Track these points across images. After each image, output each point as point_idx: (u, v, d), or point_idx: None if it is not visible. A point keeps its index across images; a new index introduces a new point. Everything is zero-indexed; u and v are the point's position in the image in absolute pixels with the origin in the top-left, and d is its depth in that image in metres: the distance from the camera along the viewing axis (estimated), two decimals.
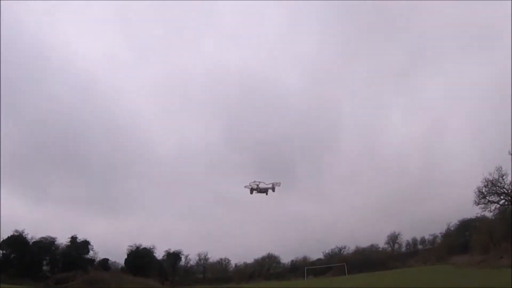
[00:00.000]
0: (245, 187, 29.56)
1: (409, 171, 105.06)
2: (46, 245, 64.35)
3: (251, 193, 29.23)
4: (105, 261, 72.15)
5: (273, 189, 29.41)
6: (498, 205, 42.53)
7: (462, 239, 58.75)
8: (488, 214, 46.10)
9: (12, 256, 60.49)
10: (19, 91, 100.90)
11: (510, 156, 40.06)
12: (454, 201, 78.79)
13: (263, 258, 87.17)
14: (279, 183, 29.81)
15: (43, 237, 64.40)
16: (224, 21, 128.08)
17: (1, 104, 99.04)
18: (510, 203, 41.56)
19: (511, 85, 73.95)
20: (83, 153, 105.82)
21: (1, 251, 61.40)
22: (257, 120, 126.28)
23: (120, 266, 74.65)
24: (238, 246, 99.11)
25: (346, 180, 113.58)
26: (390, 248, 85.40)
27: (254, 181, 29.31)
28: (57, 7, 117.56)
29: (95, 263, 69.57)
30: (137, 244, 73.98)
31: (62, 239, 67.00)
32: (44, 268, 64.54)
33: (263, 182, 29.38)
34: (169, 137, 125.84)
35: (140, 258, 71.35)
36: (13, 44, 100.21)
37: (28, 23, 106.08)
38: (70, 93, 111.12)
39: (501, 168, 41.77)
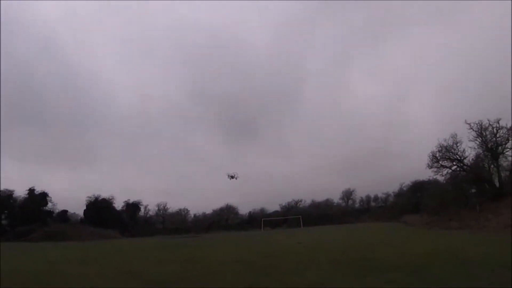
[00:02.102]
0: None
1: (369, 131, 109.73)
2: (4, 198, 62.49)
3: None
4: (64, 212, 71.17)
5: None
6: (450, 170, 45.38)
7: (414, 200, 62.58)
8: (440, 178, 49.35)
9: None
10: None
11: (466, 124, 42.61)
12: (408, 163, 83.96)
13: (221, 209, 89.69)
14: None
15: (0, 190, 62.57)
16: None
17: None
18: (461, 169, 44.45)
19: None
20: (43, 108, 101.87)
21: None
22: (221, 75, 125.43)
23: (79, 218, 74.27)
24: (198, 197, 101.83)
25: (308, 137, 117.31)
26: (344, 204, 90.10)
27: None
28: None
29: (54, 215, 68.60)
30: (96, 195, 73.87)
31: (20, 192, 65.60)
32: (3, 222, 62.99)
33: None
34: (131, 89, 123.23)
35: (99, 209, 71.10)
36: None
37: None
38: (29, 48, 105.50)
39: (456, 135, 44.08)
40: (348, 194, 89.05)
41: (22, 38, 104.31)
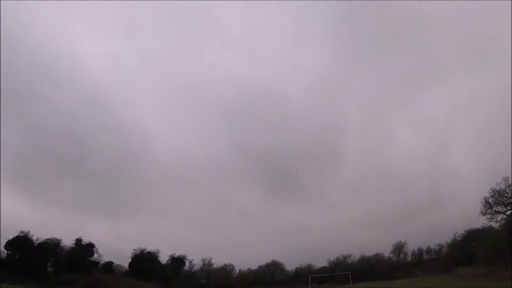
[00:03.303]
0: None
1: (415, 182, 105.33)
2: (51, 246, 64.79)
3: None
4: (109, 264, 72.25)
5: None
6: (505, 216, 42.08)
7: (468, 250, 57.71)
8: (495, 225, 45.72)
9: (17, 256, 60.80)
10: (26, 99, 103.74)
11: None
12: (461, 211, 78.62)
13: (267, 265, 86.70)
14: None
15: (48, 239, 65.01)
16: (230, 30, 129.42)
17: (8, 111, 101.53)
18: None
19: None
20: (89, 158, 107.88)
21: (6, 251, 61.91)
22: (262, 130, 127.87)
23: (124, 270, 74.87)
24: (243, 253, 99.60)
25: (352, 190, 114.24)
26: (395, 258, 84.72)
27: None
28: (62, 13, 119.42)
29: (99, 265, 69.85)
30: (142, 248, 74.44)
31: (67, 241, 67.82)
32: (49, 269, 64.97)
33: None
34: (174, 143, 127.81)
35: (144, 261, 71.47)
36: (20, 52, 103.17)
37: (35, 31, 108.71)
38: (76, 100, 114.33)
39: (508, 178, 41.45)
40: (399, 247, 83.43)
41: (70, 91, 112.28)
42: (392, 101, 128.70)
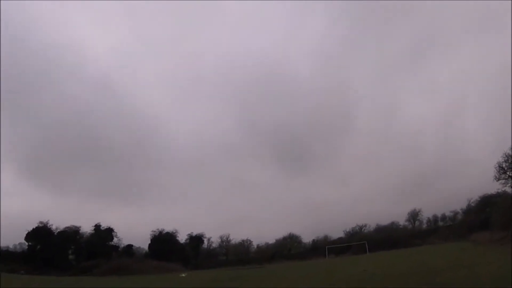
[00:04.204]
0: None
1: (428, 149, 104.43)
2: (71, 234, 66.05)
3: None
4: (129, 247, 73.60)
5: None
6: None
7: (483, 216, 57.08)
8: (509, 190, 44.93)
9: (38, 247, 62.13)
10: (38, 92, 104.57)
11: None
12: (474, 177, 77.68)
13: (284, 238, 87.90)
14: None
15: (67, 227, 66.12)
16: (231, 8, 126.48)
17: (23, 106, 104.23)
18: None
19: None
20: (102, 146, 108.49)
21: (26, 243, 63.18)
22: (270, 105, 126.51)
23: (144, 252, 76.18)
24: (260, 228, 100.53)
25: (364, 160, 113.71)
26: (410, 226, 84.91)
27: None
28: (64, 6, 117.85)
29: (119, 249, 71.26)
30: (160, 229, 75.25)
31: (86, 228, 69.00)
32: (70, 257, 66.43)
33: None
34: (185, 125, 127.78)
35: (163, 242, 72.39)
36: (27, 46, 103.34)
37: (40, 24, 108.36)
38: (86, 90, 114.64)
39: None
40: (414, 215, 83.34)
41: (80, 82, 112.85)
42: (399, 70, 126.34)
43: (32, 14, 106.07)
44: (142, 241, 77.55)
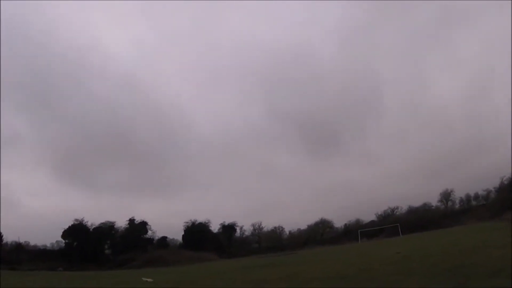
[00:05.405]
0: None
1: (457, 127, 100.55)
2: (106, 229, 67.53)
3: None
4: (163, 239, 74.76)
5: None
6: None
7: None
8: None
9: (75, 244, 63.56)
10: (66, 94, 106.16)
11: None
12: (506, 154, 74.41)
13: (316, 224, 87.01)
14: None
15: (102, 223, 67.62)
16: None
17: (53, 107, 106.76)
18: None
19: None
20: (131, 142, 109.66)
21: (63, 241, 64.86)
22: (295, 89, 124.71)
23: (178, 243, 77.28)
24: (291, 214, 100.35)
25: (393, 142, 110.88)
26: (443, 206, 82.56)
27: None
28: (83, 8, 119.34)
29: (154, 242, 72.43)
30: (193, 219, 75.99)
31: (121, 223, 70.34)
32: (106, 251, 68.02)
33: None
34: (211, 116, 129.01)
35: (196, 233, 73.26)
36: (51, 48, 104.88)
37: (61, 29, 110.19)
38: (111, 88, 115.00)
39: None
40: (446, 196, 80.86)
41: (104, 79, 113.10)
42: (423, 47, 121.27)
43: (52, 18, 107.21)
44: (176, 233, 78.70)
